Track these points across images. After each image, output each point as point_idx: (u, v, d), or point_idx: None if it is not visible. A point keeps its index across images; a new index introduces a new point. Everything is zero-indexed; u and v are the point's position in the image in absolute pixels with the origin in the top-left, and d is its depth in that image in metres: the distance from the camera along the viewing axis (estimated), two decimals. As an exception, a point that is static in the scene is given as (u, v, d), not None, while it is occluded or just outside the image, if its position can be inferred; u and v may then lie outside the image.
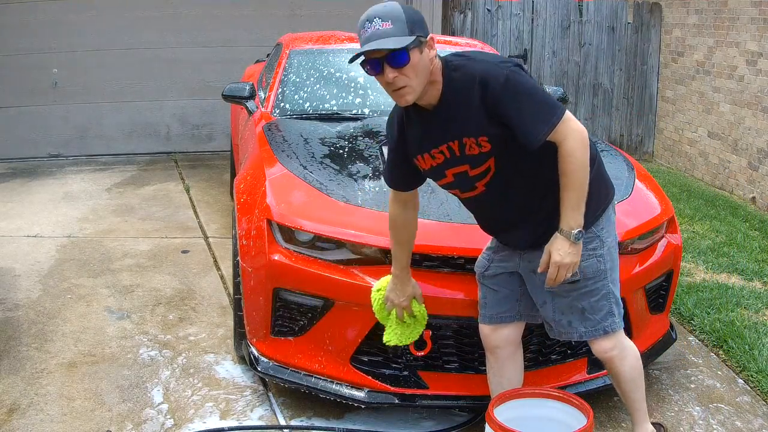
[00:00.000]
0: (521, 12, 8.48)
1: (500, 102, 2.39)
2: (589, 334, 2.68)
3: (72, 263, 4.89)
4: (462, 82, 2.43)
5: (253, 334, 3.34)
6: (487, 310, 2.84)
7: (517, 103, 2.38)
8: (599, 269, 2.63)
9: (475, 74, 2.41)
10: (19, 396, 3.33)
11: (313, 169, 3.56)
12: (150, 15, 7.89)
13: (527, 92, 2.39)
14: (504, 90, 2.38)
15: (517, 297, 2.81)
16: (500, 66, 2.42)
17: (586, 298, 2.65)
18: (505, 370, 2.89)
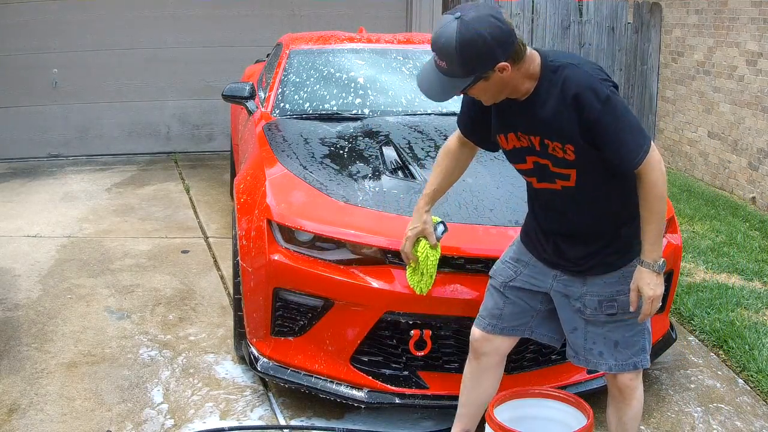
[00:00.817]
0: (521, 12, 8.48)
1: (599, 121, 2.30)
2: (618, 367, 2.57)
3: (72, 263, 4.89)
4: (559, 85, 2.34)
5: (253, 334, 3.34)
6: (501, 322, 2.71)
7: (616, 125, 2.30)
8: (639, 305, 2.51)
9: (578, 83, 2.32)
10: (19, 396, 3.33)
11: (313, 169, 3.56)
12: (150, 15, 7.89)
13: (625, 116, 2.32)
14: (604, 109, 2.29)
15: (534, 314, 2.71)
16: (603, 83, 2.32)
17: (621, 332, 2.55)
18: (483, 379, 2.80)
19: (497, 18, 2.26)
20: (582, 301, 2.57)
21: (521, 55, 2.32)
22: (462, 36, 2.22)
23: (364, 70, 4.70)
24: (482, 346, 2.76)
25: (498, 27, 2.25)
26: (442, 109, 4.47)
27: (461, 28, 2.22)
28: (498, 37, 2.24)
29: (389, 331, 3.13)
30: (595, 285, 2.55)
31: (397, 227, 3.14)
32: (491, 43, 2.23)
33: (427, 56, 4.87)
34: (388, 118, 4.25)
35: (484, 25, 2.23)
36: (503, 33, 2.25)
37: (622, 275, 2.54)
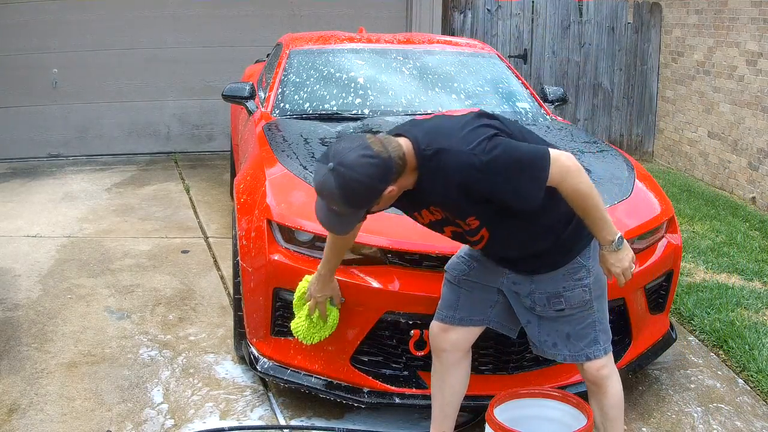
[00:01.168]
0: (521, 12, 8.48)
1: (486, 188, 2.33)
2: (572, 358, 2.65)
3: (72, 263, 4.89)
4: (439, 174, 2.34)
5: (253, 334, 3.34)
6: (457, 312, 2.76)
7: (503, 179, 2.31)
8: (584, 299, 2.60)
9: (456, 169, 2.31)
10: (19, 396, 3.33)
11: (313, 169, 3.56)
12: (150, 15, 7.89)
13: (509, 163, 2.30)
14: (486, 176, 2.29)
15: (491, 304, 2.76)
16: (474, 153, 2.29)
17: (571, 325, 2.62)
18: (448, 376, 2.81)
19: (369, 155, 2.23)
20: (531, 298, 2.64)
21: (403, 169, 2.32)
22: (341, 186, 2.24)
23: (364, 70, 4.70)
24: (440, 341, 2.79)
25: (372, 165, 2.24)
26: (442, 109, 4.47)
27: (338, 180, 2.23)
28: (375, 175, 2.25)
29: (389, 331, 3.13)
30: (542, 282, 2.61)
31: (397, 227, 3.14)
32: (371, 183, 2.25)
33: (427, 56, 4.90)
34: (388, 118, 4.25)
35: (357, 170, 2.23)
36: (379, 168, 2.25)
37: (567, 272, 2.59)
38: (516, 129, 2.51)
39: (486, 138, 2.32)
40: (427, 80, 4.68)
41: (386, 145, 2.28)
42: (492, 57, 5.09)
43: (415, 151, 2.33)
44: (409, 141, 2.35)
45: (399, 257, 3.10)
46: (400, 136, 2.38)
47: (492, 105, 4.62)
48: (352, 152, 2.24)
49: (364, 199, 2.29)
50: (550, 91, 5.02)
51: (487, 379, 3.16)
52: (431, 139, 2.35)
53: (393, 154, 2.27)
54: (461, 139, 2.33)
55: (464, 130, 2.36)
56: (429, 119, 2.51)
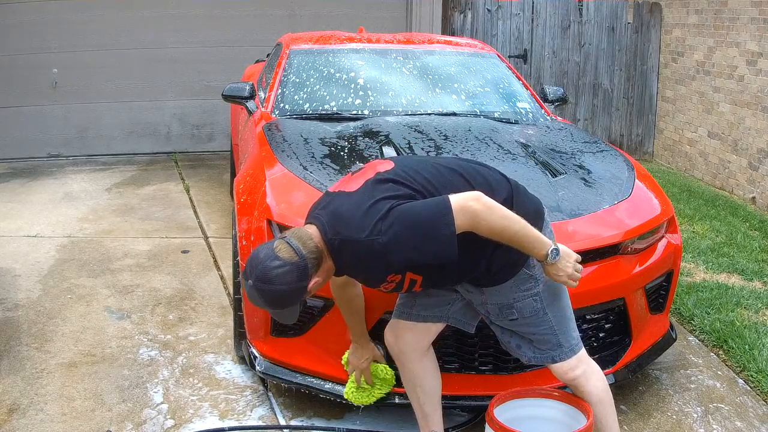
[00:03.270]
0: (521, 12, 8.48)
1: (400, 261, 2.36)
2: (537, 359, 2.67)
3: (72, 263, 4.89)
4: (350, 259, 2.39)
5: (253, 334, 3.34)
6: (415, 309, 2.77)
7: (412, 248, 2.32)
8: (536, 308, 2.60)
9: (360, 258, 2.35)
10: (19, 396, 3.33)
11: (313, 169, 3.56)
12: (150, 15, 7.89)
13: (411, 233, 2.31)
14: (394, 252, 2.32)
15: (450, 302, 2.77)
16: (371, 238, 2.31)
17: (529, 331, 2.64)
18: (413, 376, 2.83)
19: (279, 265, 2.28)
20: (484, 308, 2.68)
21: (320, 260, 2.37)
22: (267, 298, 2.33)
23: (364, 70, 4.70)
24: (395, 345, 2.82)
25: (287, 272, 2.29)
26: (442, 109, 4.48)
27: (261, 294, 2.32)
28: (293, 279, 2.30)
29: (389, 331, 3.13)
30: (492, 294, 2.63)
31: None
32: (292, 287, 2.32)
33: (427, 56, 4.90)
34: (388, 118, 4.24)
35: (275, 282, 2.29)
36: (293, 272, 2.30)
37: (515, 283, 2.59)
38: (424, 178, 2.50)
39: (380, 218, 2.33)
40: (427, 80, 4.68)
41: (295, 246, 2.32)
42: (492, 57, 5.09)
43: (323, 239, 2.38)
44: (317, 229, 2.40)
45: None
46: (313, 224, 2.42)
47: (492, 105, 4.62)
48: (264, 265, 2.30)
49: (293, 299, 2.36)
50: (550, 91, 5.02)
51: (487, 379, 3.16)
52: (334, 226, 2.38)
53: (305, 253, 2.32)
54: (357, 225, 2.34)
55: (358, 214, 2.36)
56: (334, 198, 2.49)
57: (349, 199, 2.45)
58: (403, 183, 2.47)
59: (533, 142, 4.02)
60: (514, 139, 4.00)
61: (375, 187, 2.45)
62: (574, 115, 8.77)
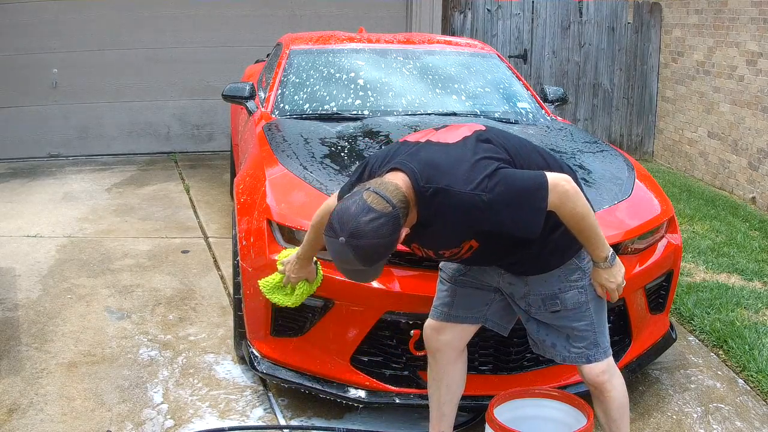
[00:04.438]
0: (521, 12, 8.48)
1: (488, 225, 2.31)
2: (572, 359, 2.60)
3: (72, 263, 4.89)
4: (440, 214, 2.30)
5: (253, 334, 3.34)
6: (452, 310, 2.73)
7: (506, 215, 2.28)
8: (580, 301, 2.57)
9: (458, 210, 2.28)
10: (19, 396, 3.33)
11: (313, 169, 3.56)
12: (150, 15, 7.89)
13: (512, 199, 2.28)
14: (490, 216, 2.27)
15: (488, 302, 2.73)
16: (476, 193, 2.26)
17: (569, 327, 2.59)
18: (444, 375, 2.78)
19: (375, 217, 2.17)
20: (526, 301, 2.62)
21: (408, 210, 2.27)
22: (360, 254, 2.20)
23: (364, 70, 4.70)
24: (434, 341, 2.76)
25: (383, 224, 2.18)
26: (442, 109, 4.47)
27: (355, 250, 2.19)
28: (388, 231, 2.20)
29: (389, 331, 3.13)
30: (536, 284, 2.58)
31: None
32: (387, 240, 2.21)
33: (427, 56, 4.90)
34: (388, 118, 4.24)
35: (371, 235, 2.17)
36: (389, 224, 2.19)
37: (562, 273, 2.56)
38: (512, 147, 2.48)
39: (487, 176, 2.29)
40: (427, 80, 4.68)
41: (385, 195, 2.21)
42: (492, 57, 5.09)
43: (413, 187, 2.28)
44: (407, 176, 2.30)
45: (399, 257, 3.10)
46: (396, 171, 2.33)
47: (492, 105, 4.62)
48: (358, 219, 2.17)
49: (385, 253, 2.25)
50: (550, 91, 5.02)
51: (487, 379, 3.16)
52: (430, 175, 2.29)
53: (395, 202, 2.21)
54: (462, 177, 2.29)
55: (463, 167, 2.31)
56: (424, 147, 2.42)
57: (447, 150, 2.39)
58: (499, 144, 2.44)
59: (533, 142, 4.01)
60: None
61: (477, 145, 2.41)
62: (574, 115, 8.77)
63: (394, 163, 2.36)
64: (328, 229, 2.23)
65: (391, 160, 2.40)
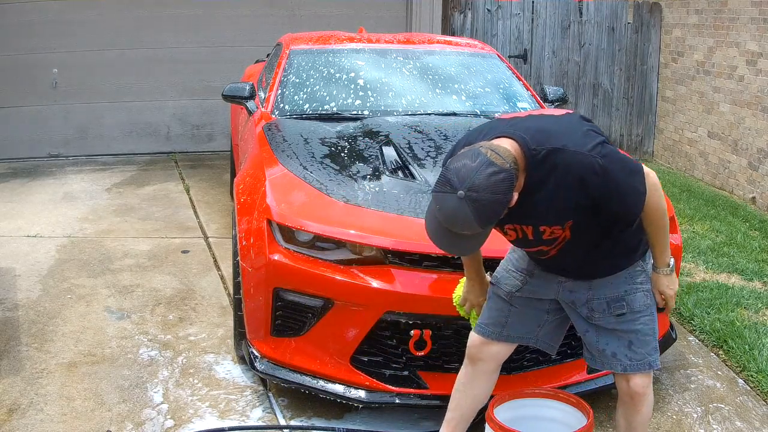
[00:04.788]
0: (521, 12, 8.48)
1: (601, 195, 2.28)
2: (633, 367, 2.53)
3: (72, 263, 4.89)
4: (552, 174, 2.27)
5: (253, 334, 3.34)
6: (505, 329, 2.67)
7: (616, 189, 2.29)
8: (646, 303, 2.55)
9: (575, 168, 2.26)
10: (19, 396, 3.33)
11: (313, 169, 3.56)
12: (150, 15, 7.89)
13: (621, 172, 2.30)
14: (604, 182, 2.26)
15: (541, 323, 2.68)
16: (593, 155, 2.26)
17: (632, 332, 2.54)
18: (477, 384, 2.73)
19: (497, 172, 2.13)
20: (589, 306, 2.56)
21: (518, 173, 2.23)
22: (477, 210, 2.12)
23: (364, 70, 4.70)
24: (480, 352, 2.70)
25: (503, 180, 2.14)
26: (442, 109, 4.47)
27: (473, 205, 2.11)
28: (506, 189, 2.15)
29: (389, 331, 3.13)
30: (601, 287, 2.54)
31: (398, 227, 3.15)
32: (504, 198, 2.16)
33: (427, 56, 4.90)
34: (388, 118, 4.25)
35: (491, 190, 2.12)
36: (507, 181, 2.15)
37: (628, 275, 2.54)
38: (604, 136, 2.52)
39: (599, 143, 2.30)
40: (427, 80, 4.68)
41: (502, 153, 2.18)
42: (492, 57, 5.09)
43: (524, 152, 2.25)
44: (516, 142, 2.26)
45: (399, 257, 3.10)
46: (502, 138, 2.29)
47: (492, 105, 4.62)
48: (480, 173, 2.11)
49: (498, 213, 2.19)
50: (550, 91, 5.02)
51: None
52: (542, 139, 2.27)
53: (510, 161, 2.18)
54: (577, 140, 2.29)
55: (577, 132, 2.32)
56: (523, 119, 2.41)
57: (557, 120, 2.40)
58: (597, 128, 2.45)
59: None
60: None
61: (582, 120, 2.43)
62: (574, 115, 8.76)
63: (498, 133, 2.33)
64: (442, 184, 2.15)
65: (489, 133, 2.36)
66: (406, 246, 3.08)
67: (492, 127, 2.41)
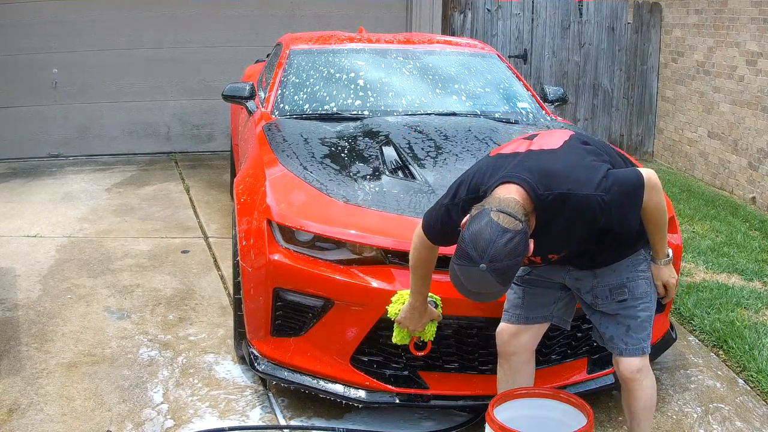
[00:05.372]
0: (521, 12, 8.48)
1: (608, 224, 2.41)
2: (628, 351, 2.66)
3: (72, 263, 4.89)
4: (561, 216, 2.37)
5: (253, 334, 3.34)
6: (523, 311, 2.78)
7: (617, 213, 2.39)
8: (645, 290, 2.67)
9: (577, 213, 2.36)
10: (19, 396, 3.33)
11: (313, 169, 3.56)
12: (150, 15, 7.89)
13: (623, 198, 2.38)
14: (610, 216, 2.37)
15: (555, 300, 2.80)
16: (597, 195, 2.34)
17: (632, 317, 2.65)
18: (518, 376, 2.85)
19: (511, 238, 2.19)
20: (593, 293, 2.68)
21: (529, 221, 2.31)
22: (501, 276, 2.21)
23: (364, 70, 4.70)
24: (510, 345, 2.80)
25: (519, 243, 2.21)
26: (442, 109, 4.47)
27: (496, 274, 2.19)
28: (523, 249, 2.23)
29: (389, 331, 3.13)
30: (605, 276, 2.66)
31: (398, 227, 3.15)
32: (522, 256, 2.24)
33: (427, 56, 4.90)
34: (388, 118, 4.24)
35: (511, 256, 2.19)
36: (523, 241, 2.22)
37: (630, 263, 2.66)
38: (602, 147, 2.60)
39: (603, 176, 2.38)
40: (427, 80, 4.68)
41: (512, 213, 2.23)
42: (492, 57, 5.09)
43: (531, 196, 2.32)
44: (520, 188, 2.33)
45: (399, 257, 3.10)
46: (507, 183, 2.35)
47: (492, 105, 4.62)
48: (496, 244, 2.18)
49: (518, 269, 2.29)
50: (550, 91, 5.02)
51: (487, 379, 3.16)
52: (548, 182, 2.34)
53: (521, 217, 2.24)
54: (580, 181, 2.36)
55: (578, 171, 2.39)
56: (529, 157, 2.46)
57: (556, 156, 2.45)
58: (598, 148, 2.55)
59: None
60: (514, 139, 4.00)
61: (582, 147, 2.51)
62: (574, 115, 8.77)
63: (502, 177, 2.38)
64: (461, 258, 2.22)
65: (493, 174, 2.43)
66: (406, 246, 3.07)
67: (495, 166, 2.46)
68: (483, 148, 3.81)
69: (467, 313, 3.06)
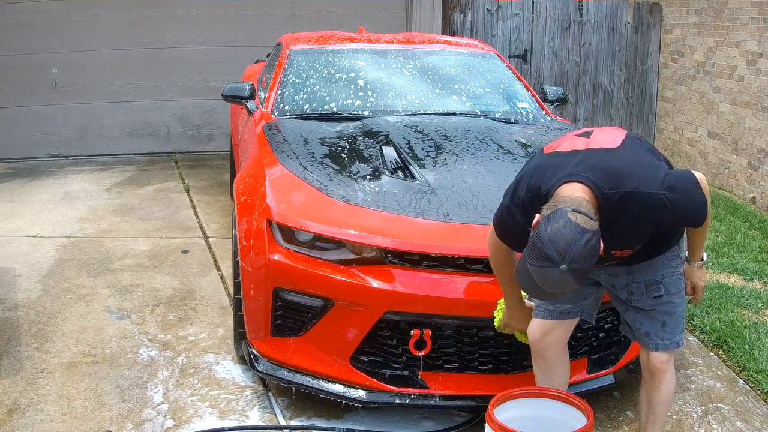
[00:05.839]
0: (521, 12, 8.48)
1: (674, 222, 2.44)
2: (663, 346, 2.68)
3: (72, 263, 4.89)
4: (627, 213, 2.37)
5: (253, 334, 3.34)
6: (556, 307, 2.79)
7: (682, 211, 2.41)
8: (680, 286, 2.71)
9: (643, 211, 2.37)
10: (19, 396, 3.33)
11: (313, 169, 3.56)
12: (150, 15, 7.89)
13: (685, 195, 2.39)
14: (675, 214, 2.38)
15: (586, 296, 2.81)
16: (662, 193, 2.35)
17: (667, 313, 2.68)
18: (554, 369, 2.87)
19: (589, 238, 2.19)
20: (628, 290, 2.70)
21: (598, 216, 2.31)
22: (579, 276, 2.23)
23: (364, 70, 4.70)
24: (542, 342, 2.82)
25: (597, 241, 2.22)
26: (442, 109, 4.47)
27: (575, 274, 2.21)
28: (599, 245, 2.24)
29: (389, 331, 3.13)
30: (641, 271, 2.67)
31: (398, 227, 3.15)
32: (597, 255, 2.25)
33: (427, 56, 4.90)
34: (388, 118, 4.24)
35: (590, 256, 2.21)
36: (599, 238, 2.23)
37: (666, 260, 2.68)
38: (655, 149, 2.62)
39: (665, 175, 2.39)
40: (427, 80, 4.68)
41: (587, 212, 2.23)
42: (492, 57, 5.09)
43: (596, 195, 2.33)
44: (586, 186, 2.33)
45: (399, 257, 3.10)
46: (570, 183, 2.35)
47: (492, 105, 4.62)
48: (577, 244, 2.18)
49: (591, 268, 2.28)
50: (550, 91, 5.02)
51: (487, 379, 3.16)
52: (613, 181, 2.35)
53: (592, 215, 2.24)
54: (646, 179, 2.37)
55: (642, 169, 2.39)
56: (590, 155, 2.45)
57: (618, 155, 2.45)
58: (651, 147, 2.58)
59: (533, 142, 4.02)
60: (514, 139, 4.00)
61: (640, 145, 2.53)
62: (574, 115, 8.77)
63: (565, 176, 2.38)
64: (541, 259, 2.21)
65: (555, 173, 2.42)
66: (406, 246, 3.08)
67: (554, 165, 2.45)
68: (483, 148, 3.81)
69: (466, 314, 3.06)
